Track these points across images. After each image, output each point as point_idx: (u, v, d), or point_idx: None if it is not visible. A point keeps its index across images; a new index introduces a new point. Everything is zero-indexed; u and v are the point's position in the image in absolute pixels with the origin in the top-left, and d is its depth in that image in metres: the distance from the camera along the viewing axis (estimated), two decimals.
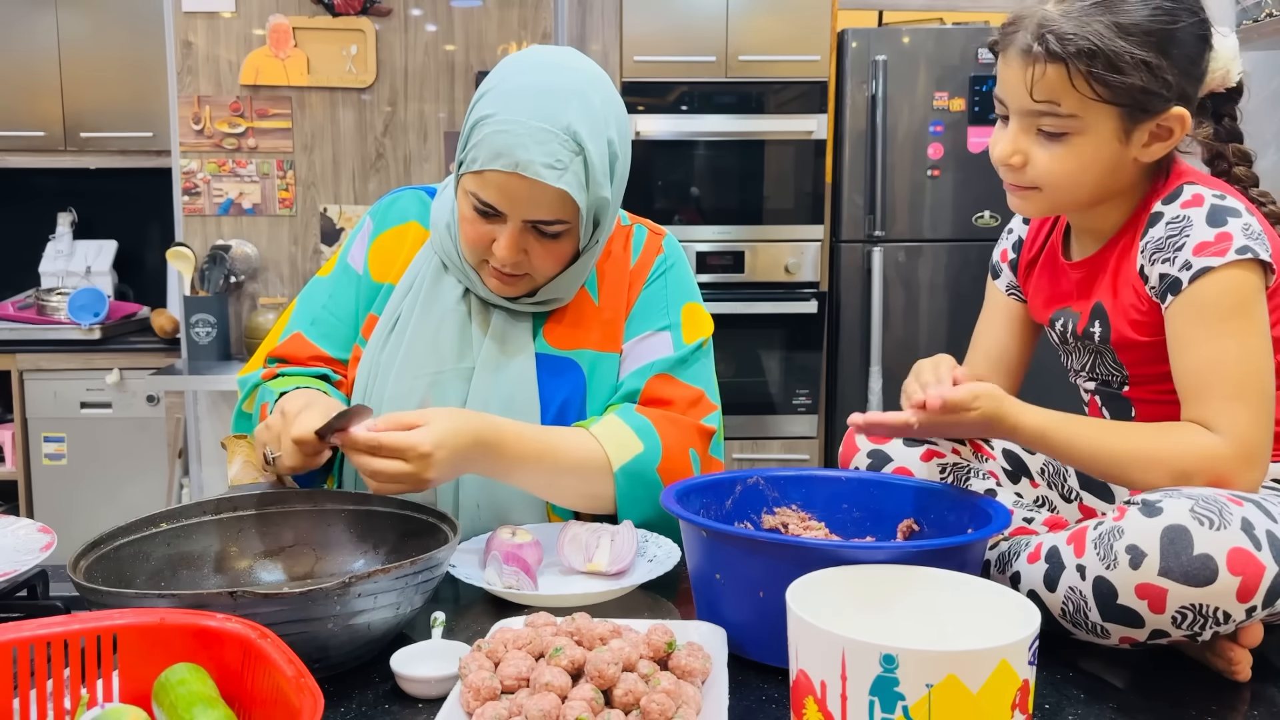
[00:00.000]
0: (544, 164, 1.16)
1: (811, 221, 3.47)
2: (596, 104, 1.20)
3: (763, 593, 0.93)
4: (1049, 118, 1.08)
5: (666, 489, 1.09)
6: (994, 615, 0.80)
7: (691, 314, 1.38)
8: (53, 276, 3.81)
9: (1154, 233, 1.09)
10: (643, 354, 1.34)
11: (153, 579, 1.05)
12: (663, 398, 1.31)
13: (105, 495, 3.50)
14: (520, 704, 0.80)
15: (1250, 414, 1.02)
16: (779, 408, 3.55)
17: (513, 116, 1.17)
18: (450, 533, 1.04)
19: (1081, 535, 0.96)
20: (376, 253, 1.39)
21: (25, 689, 0.76)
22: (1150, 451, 1.03)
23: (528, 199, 1.19)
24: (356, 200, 3.40)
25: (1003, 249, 1.35)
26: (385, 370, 1.31)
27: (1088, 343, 1.19)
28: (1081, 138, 1.08)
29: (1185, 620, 0.89)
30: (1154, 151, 1.10)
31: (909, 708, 0.68)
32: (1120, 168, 1.11)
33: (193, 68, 3.31)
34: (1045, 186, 1.12)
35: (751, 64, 3.38)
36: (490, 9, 3.38)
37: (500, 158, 1.16)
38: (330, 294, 1.39)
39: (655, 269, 1.39)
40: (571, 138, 1.17)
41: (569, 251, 1.26)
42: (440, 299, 1.33)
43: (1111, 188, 1.13)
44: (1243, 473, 1.01)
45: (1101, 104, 1.06)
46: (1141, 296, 1.11)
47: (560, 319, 1.35)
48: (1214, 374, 1.03)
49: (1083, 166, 1.10)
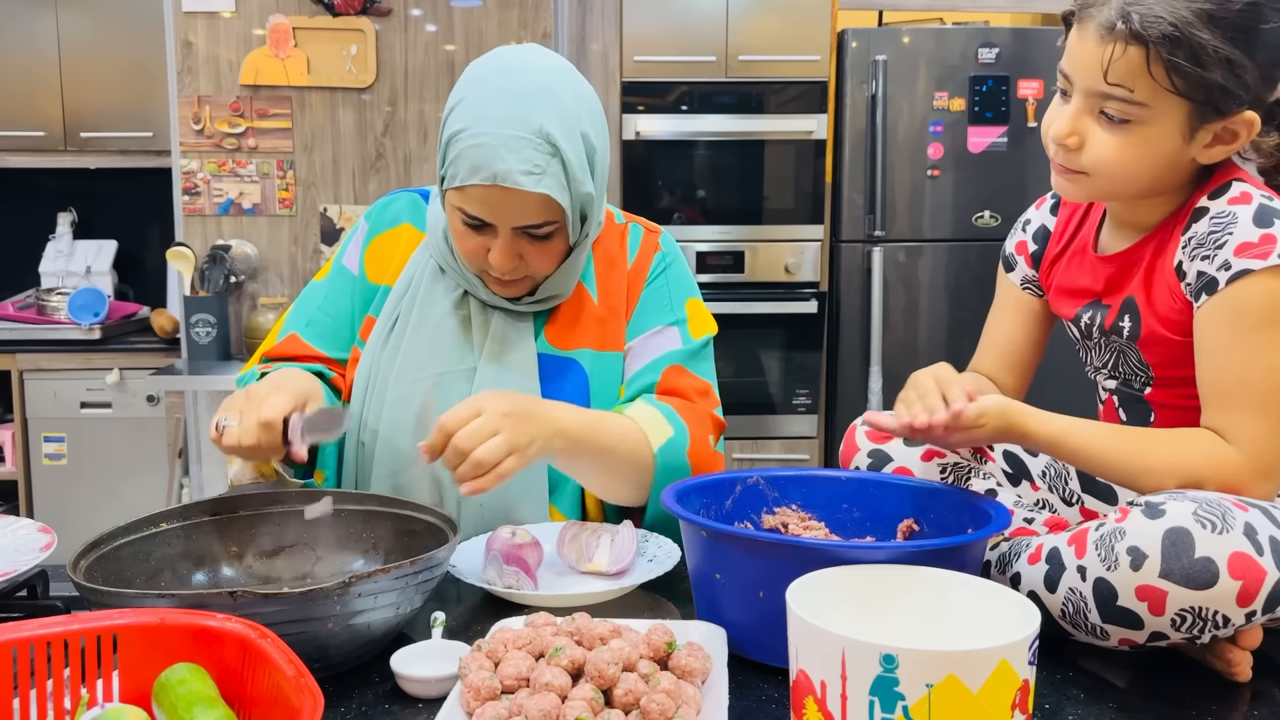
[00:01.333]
0: (522, 171, 1.16)
1: (811, 221, 3.47)
2: (566, 100, 1.20)
3: (763, 593, 0.93)
4: (1116, 102, 1.02)
5: (667, 489, 1.09)
6: (994, 615, 0.80)
7: (696, 310, 1.39)
8: (53, 276, 3.81)
9: (1197, 228, 1.05)
10: (652, 349, 1.34)
11: (153, 579, 1.05)
12: (676, 388, 1.32)
13: (105, 495, 3.50)
14: (520, 704, 0.80)
15: (1270, 429, 0.99)
16: (779, 408, 3.55)
17: (484, 128, 1.16)
18: (450, 533, 1.04)
19: (1083, 536, 0.95)
20: (372, 255, 1.39)
21: (25, 689, 0.76)
22: (1164, 459, 1.01)
23: (512, 208, 1.19)
24: (356, 200, 3.40)
25: (1019, 240, 1.30)
26: (385, 372, 1.31)
27: (1114, 339, 1.16)
28: (1145, 128, 1.02)
29: (1184, 623, 0.89)
30: (1215, 154, 1.05)
31: (909, 708, 0.68)
32: (1177, 165, 1.06)
33: (193, 68, 3.31)
34: (1097, 174, 1.06)
35: (751, 64, 3.38)
36: (490, 9, 3.38)
37: (478, 171, 1.16)
38: (325, 295, 1.39)
39: (655, 266, 1.39)
40: (545, 140, 1.17)
41: (562, 249, 1.27)
42: (438, 301, 1.33)
43: (1163, 184, 1.08)
44: (1256, 486, 0.99)
45: (1174, 96, 1.00)
46: (1176, 294, 1.07)
47: (559, 318, 1.35)
48: (1239, 383, 1.01)
49: (1140, 158, 1.04)
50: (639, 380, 1.33)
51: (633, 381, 1.34)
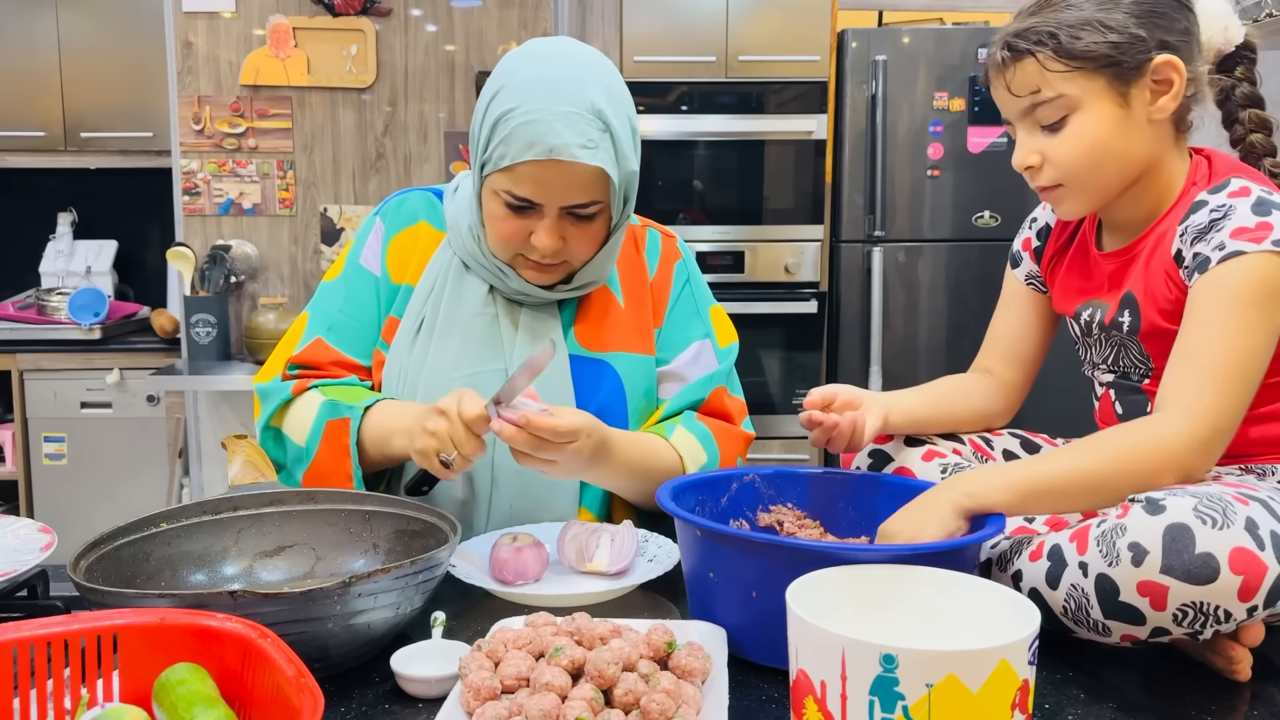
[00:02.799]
0: (578, 144, 1.17)
1: (811, 221, 3.47)
2: (611, 84, 1.22)
3: (755, 593, 0.93)
4: (1041, 108, 1.11)
5: (662, 486, 1.09)
6: (994, 615, 0.80)
7: (719, 318, 1.44)
8: (53, 276, 3.82)
9: (1196, 218, 1.08)
10: (695, 370, 1.39)
11: (153, 579, 1.05)
12: (721, 410, 1.38)
13: (105, 495, 3.50)
14: (520, 704, 0.80)
15: (1217, 398, 1.00)
16: (779, 408, 3.55)
17: (538, 104, 1.17)
18: (450, 533, 1.04)
19: (1084, 533, 0.96)
20: (393, 254, 1.37)
21: (25, 689, 0.76)
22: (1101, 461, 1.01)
23: (564, 184, 1.19)
24: (356, 200, 3.40)
25: (1025, 237, 1.34)
26: (415, 373, 1.31)
27: (1114, 334, 1.18)
28: (1081, 114, 1.10)
29: (1186, 618, 0.89)
30: (1163, 106, 1.10)
31: (909, 708, 0.68)
32: (1134, 134, 1.11)
33: (193, 68, 3.31)
34: (1069, 178, 1.13)
35: (751, 64, 3.38)
36: (490, 9, 3.38)
37: (533, 147, 1.17)
38: (346, 297, 1.36)
39: (678, 276, 1.42)
40: (597, 116, 1.18)
41: (602, 232, 1.28)
42: (466, 299, 1.33)
43: (1135, 159, 1.12)
44: (1193, 457, 0.99)
45: (1078, 75, 1.08)
46: (1174, 282, 1.10)
47: (587, 318, 1.36)
48: (1205, 352, 1.02)
49: (1093, 143, 1.10)
50: (684, 398, 1.37)
51: (678, 398, 1.37)
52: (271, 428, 1.32)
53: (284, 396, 1.31)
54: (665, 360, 1.39)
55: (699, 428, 1.33)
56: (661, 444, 1.30)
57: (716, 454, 1.33)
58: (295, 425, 1.30)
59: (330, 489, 1.18)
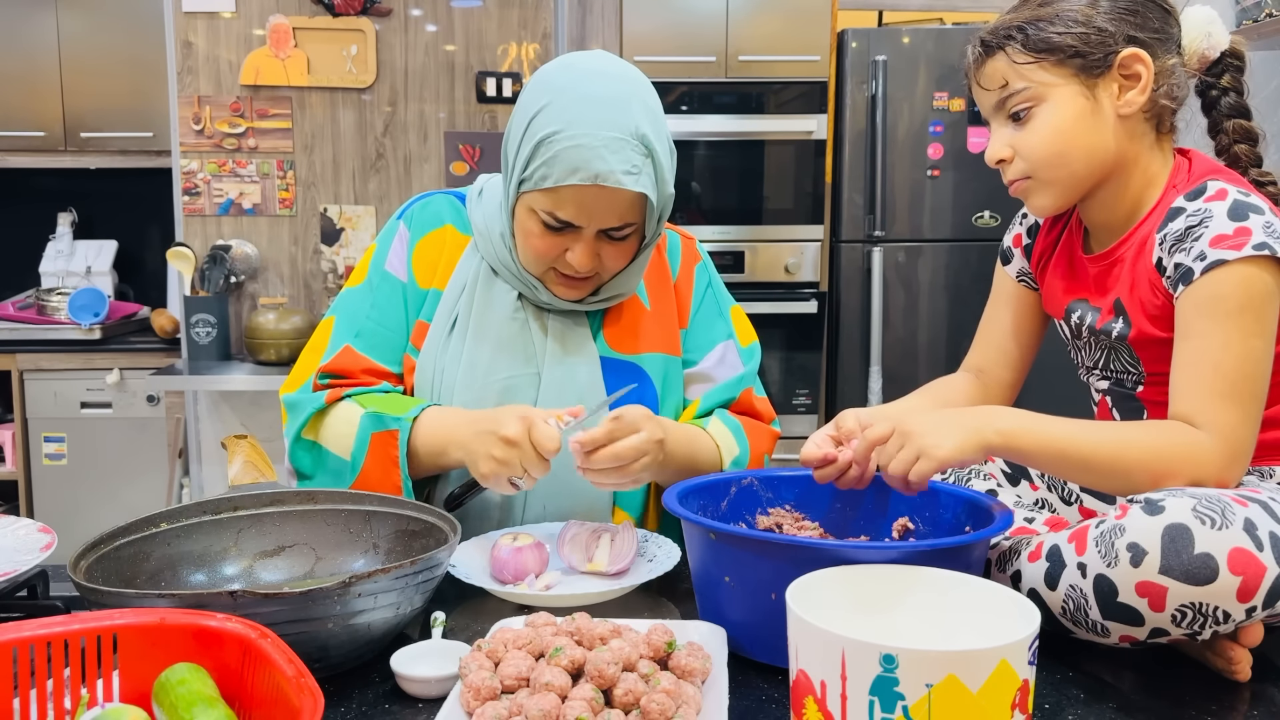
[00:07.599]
0: (623, 171, 1.17)
1: (811, 221, 3.47)
2: (652, 104, 1.23)
3: (774, 594, 0.93)
4: (1009, 100, 1.13)
5: (668, 491, 1.09)
6: (994, 615, 0.80)
7: (739, 318, 1.46)
8: (53, 276, 3.82)
9: (1173, 225, 1.08)
10: (723, 371, 1.41)
11: (153, 579, 1.05)
12: (752, 409, 1.42)
13: (105, 495, 3.50)
14: (520, 704, 0.80)
15: (1239, 414, 1.01)
16: (779, 408, 3.55)
17: (584, 129, 1.17)
18: (450, 533, 1.04)
19: (1083, 534, 0.96)
20: (419, 258, 1.36)
21: (25, 689, 0.76)
22: (1136, 447, 1.01)
23: (605, 208, 1.20)
24: (356, 200, 3.40)
25: (1016, 233, 1.34)
26: (449, 378, 1.30)
27: (1103, 339, 1.18)
28: (1046, 105, 1.11)
29: (1185, 619, 0.89)
30: (1131, 101, 1.11)
31: (909, 708, 0.68)
32: (1101, 128, 1.12)
33: (193, 68, 3.31)
34: (1034, 169, 1.14)
35: (751, 64, 3.38)
36: (490, 9, 3.38)
37: (578, 172, 1.17)
38: (373, 304, 1.35)
39: (700, 278, 1.44)
40: (641, 141, 1.19)
41: (633, 249, 1.29)
42: (496, 304, 1.33)
43: (1102, 153, 1.12)
44: (1226, 472, 1.00)
45: (1044, 66, 1.11)
46: (1159, 290, 1.10)
47: (617, 321, 1.36)
48: (1210, 369, 1.02)
49: (1058, 133, 1.11)
50: (715, 397, 1.40)
51: (709, 398, 1.39)
52: (304, 439, 1.30)
53: (316, 406, 1.28)
54: (692, 362, 1.41)
55: (731, 421, 1.36)
56: (703, 435, 1.33)
57: (747, 448, 1.35)
58: (334, 437, 1.28)
59: (331, 490, 1.18)
